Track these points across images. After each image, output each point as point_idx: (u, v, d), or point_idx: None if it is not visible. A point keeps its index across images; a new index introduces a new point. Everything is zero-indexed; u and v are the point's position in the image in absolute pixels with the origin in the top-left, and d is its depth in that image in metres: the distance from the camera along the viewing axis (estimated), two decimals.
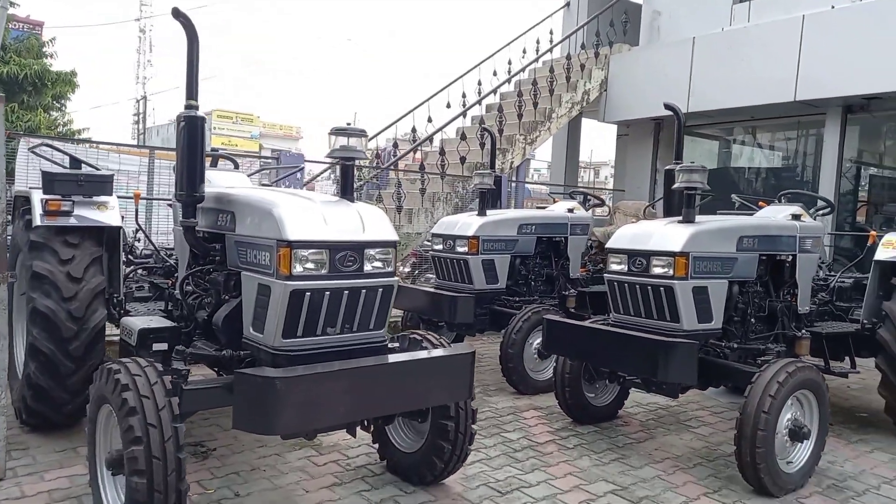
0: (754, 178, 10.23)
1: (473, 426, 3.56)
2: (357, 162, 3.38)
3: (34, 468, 3.73)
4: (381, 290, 3.09)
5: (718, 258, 4.25)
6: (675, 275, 4.06)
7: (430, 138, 8.84)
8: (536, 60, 9.66)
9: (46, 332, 3.88)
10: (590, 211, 7.35)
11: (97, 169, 4.42)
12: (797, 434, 3.87)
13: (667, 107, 5.05)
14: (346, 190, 3.30)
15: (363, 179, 8.82)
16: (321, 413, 2.70)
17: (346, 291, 2.98)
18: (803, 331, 4.82)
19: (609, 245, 4.51)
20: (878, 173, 9.31)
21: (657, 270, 4.14)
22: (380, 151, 10.83)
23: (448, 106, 10.51)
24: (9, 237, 3.53)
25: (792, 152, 9.68)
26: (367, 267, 3.03)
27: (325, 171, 6.45)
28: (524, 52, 11.32)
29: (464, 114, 9.11)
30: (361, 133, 3.25)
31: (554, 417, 5.10)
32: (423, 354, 3.08)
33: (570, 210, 6.97)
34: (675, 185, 4.35)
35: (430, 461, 3.56)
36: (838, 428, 5.27)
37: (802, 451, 3.97)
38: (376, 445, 3.92)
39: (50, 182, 4.05)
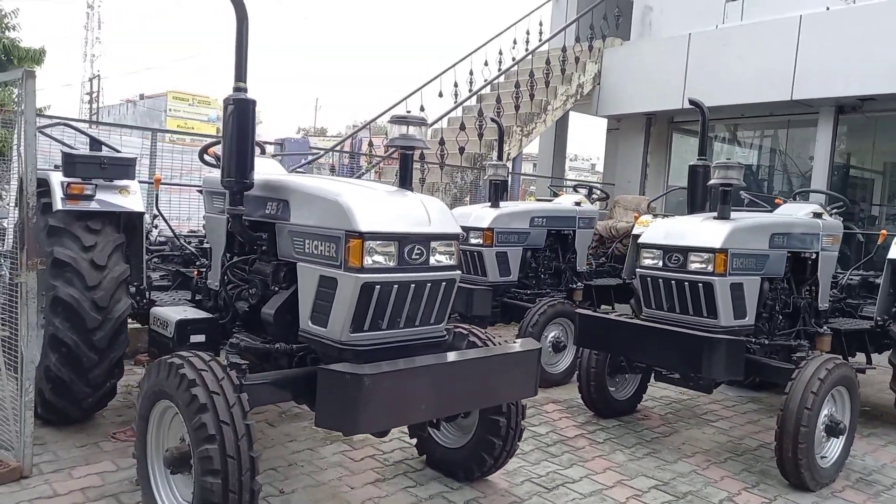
0: (745, 176, 10.42)
1: (523, 422, 3.51)
2: (416, 151, 3.27)
3: (58, 465, 3.54)
4: (444, 283, 3.00)
5: (753, 255, 4.28)
6: (714, 271, 4.07)
7: (429, 127, 8.72)
8: (531, 53, 9.61)
9: (69, 321, 3.68)
10: (595, 205, 7.36)
11: (117, 151, 4.20)
12: (833, 430, 3.93)
13: (692, 102, 5.06)
14: (406, 180, 3.20)
15: (365, 168, 8.66)
16: (405, 410, 2.61)
17: (413, 285, 2.88)
18: (824, 327, 4.91)
19: (643, 240, 4.50)
20: (858, 175, 9.58)
21: (695, 266, 4.14)
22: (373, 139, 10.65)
23: (440, 95, 10.41)
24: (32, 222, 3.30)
25: (782, 150, 9.88)
26: (433, 260, 2.93)
27: (322, 155, 6.27)
28: (514, 42, 11.29)
29: (461, 104, 9.02)
30: (422, 122, 3.15)
31: (574, 411, 5.09)
32: (498, 350, 3.00)
33: (578, 203, 6.96)
34: (712, 182, 4.35)
35: (479, 457, 3.49)
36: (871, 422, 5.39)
37: (836, 447, 4.03)
38: (413, 441, 3.84)
39: (72, 164, 3.83)
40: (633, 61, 9.81)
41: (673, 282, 4.26)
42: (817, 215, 5.04)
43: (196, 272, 4.16)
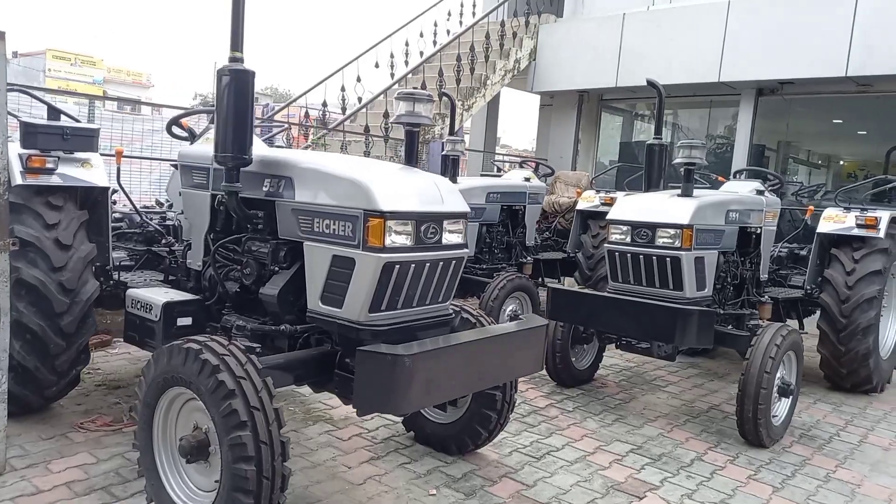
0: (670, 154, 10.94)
1: (515, 395, 3.61)
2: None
3: (30, 459, 3.31)
4: (454, 262, 3.03)
5: (713, 230, 4.56)
6: (682, 246, 4.31)
7: (369, 102, 8.55)
8: (472, 27, 9.60)
9: (35, 306, 3.43)
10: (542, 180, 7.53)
11: (77, 121, 3.89)
12: (785, 391, 4.30)
13: (648, 82, 5.26)
14: (412, 158, 3.17)
15: (312, 142, 8.39)
16: (440, 388, 2.63)
17: (428, 264, 2.89)
18: (766, 296, 5.31)
19: (610, 217, 4.67)
20: (773, 153, 10.29)
21: (663, 241, 4.37)
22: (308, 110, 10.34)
23: (377, 66, 10.24)
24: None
25: (705, 130, 10.44)
26: (445, 239, 2.95)
27: (285, 129, 6.01)
28: (449, 14, 11.23)
29: (405, 77, 8.91)
30: (429, 98, 3.12)
31: (538, 381, 5.26)
32: (513, 327, 3.06)
33: (527, 179, 7.11)
34: (676, 161, 4.57)
35: (473, 430, 3.57)
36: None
37: (785, 406, 4.41)
38: (397, 419, 3.87)
39: (32, 134, 3.53)
40: (568, 38, 10.01)
41: (641, 256, 4.47)
42: (759, 192, 5.41)
43: (168, 251, 3.96)
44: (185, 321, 3.36)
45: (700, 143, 4.50)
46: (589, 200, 7.17)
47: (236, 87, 2.94)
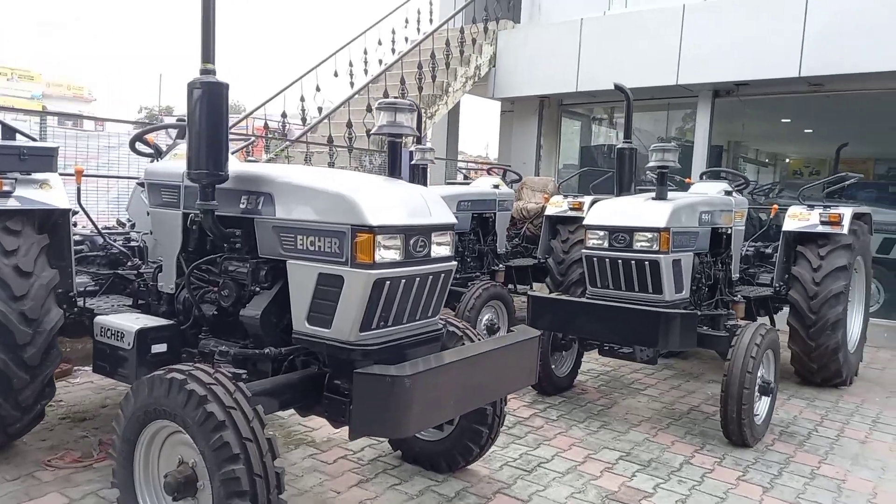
0: (643, 157, 11.07)
1: (505, 408, 3.54)
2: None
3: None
4: (443, 275, 2.95)
5: (688, 232, 4.58)
6: (660, 249, 4.32)
7: (331, 112, 8.40)
8: (432, 34, 9.55)
9: None
10: (510, 187, 7.51)
11: (33, 139, 3.68)
12: (765, 389, 4.34)
13: (617, 87, 5.31)
14: (396, 169, 3.08)
15: (276, 154, 8.18)
16: (439, 409, 2.54)
17: (418, 278, 2.80)
18: (738, 295, 5.38)
19: (587, 222, 4.66)
20: (729, 153, 10.52)
21: (641, 245, 4.37)
22: (268, 122, 10.12)
23: (336, 75, 10.11)
24: None
25: (664, 132, 10.59)
26: (434, 252, 2.87)
27: (252, 142, 5.78)
28: (406, 21, 11.17)
29: (367, 86, 8.79)
30: (411, 108, 3.04)
31: (518, 391, 5.21)
32: (509, 340, 2.99)
33: (496, 186, 7.07)
34: (650, 164, 4.59)
35: (464, 447, 3.48)
36: None
37: (765, 405, 4.45)
38: (381, 439, 3.76)
39: None
40: (527, 44, 10.04)
41: (619, 261, 4.46)
42: (728, 193, 5.49)
43: (136, 274, 3.77)
44: (159, 348, 3.19)
45: (673, 147, 4.53)
46: (557, 206, 7.17)
47: (209, 100, 2.81)
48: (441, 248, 2.90)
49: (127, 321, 3.24)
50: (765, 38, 7.83)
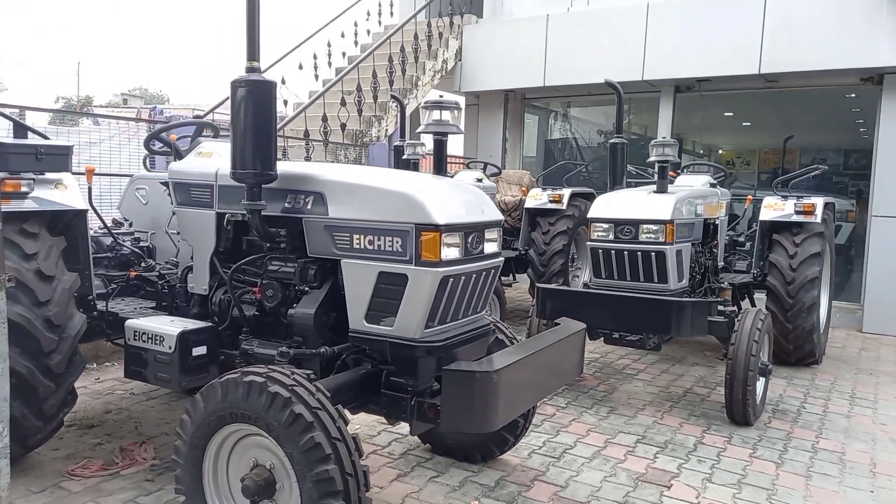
0: (596, 150, 11.36)
1: None
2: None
3: None
4: (493, 270, 3.01)
5: (687, 224, 4.79)
6: (665, 240, 4.50)
7: (309, 104, 8.25)
8: (401, 28, 9.49)
9: (20, 346, 3.07)
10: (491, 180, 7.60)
11: (46, 137, 3.51)
12: (763, 371, 4.58)
13: (608, 84, 5.46)
14: (442, 167, 3.11)
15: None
16: (518, 401, 2.59)
17: (475, 274, 2.85)
18: (725, 282, 5.65)
19: (592, 215, 4.79)
20: (690, 147, 10.94)
21: (647, 237, 4.54)
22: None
23: (300, 67, 9.96)
24: None
25: (628, 126, 10.91)
26: (486, 248, 2.92)
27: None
28: (368, 14, 11.10)
29: (341, 79, 8.68)
30: (456, 106, 3.07)
31: None
32: (565, 333, 3.06)
33: (479, 180, 7.15)
34: (651, 159, 4.76)
35: (500, 437, 3.56)
36: None
37: (761, 386, 4.70)
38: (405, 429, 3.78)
39: (2, 155, 3.14)
40: (492, 39, 10.13)
41: (626, 252, 4.62)
42: (713, 185, 5.74)
43: (158, 275, 3.66)
44: (199, 350, 3.12)
45: (672, 142, 4.71)
46: (537, 198, 7.32)
47: (257, 98, 2.77)
48: (491, 244, 2.95)
49: (164, 324, 3.15)
50: (726, 35, 8.18)
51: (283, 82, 9.59)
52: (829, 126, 10.02)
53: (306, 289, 2.98)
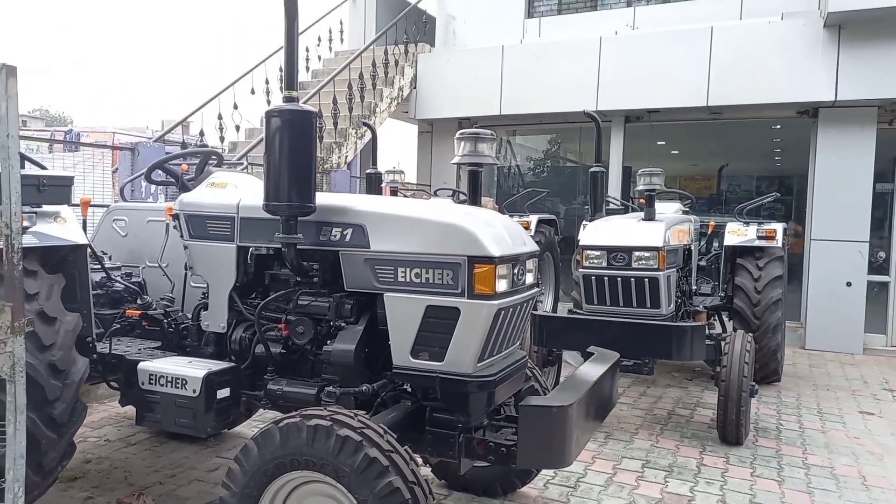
0: (549, 177, 11.63)
1: None
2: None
3: None
4: (532, 300, 3.00)
5: (674, 250, 4.95)
6: (658, 266, 4.63)
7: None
8: (360, 54, 9.43)
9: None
10: None
11: (43, 167, 3.26)
12: (751, 392, 4.75)
13: (587, 115, 5.61)
14: (477, 197, 3.10)
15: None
16: (585, 433, 2.56)
17: (520, 305, 2.84)
18: (700, 305, 5.86)
19: (584, 242, 4.88)
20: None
21: (640, 263, 4.65)
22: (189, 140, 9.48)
23: (252, 92, 9.76)
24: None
25: (579, 155, 11.23)
26: (528, 279, 2.92)
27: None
28: (319, 40, 11.01)
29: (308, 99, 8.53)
30: (491, 137, 3.07)
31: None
32: (607, 362, 3.06)
33: None
34: (639, 188, 4.91)
35: (523, 469, 3.52)
36: (700, 381, 6.50)
37: (749, 406, 4.87)
38: (427, 467, 3.70)
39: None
40: (448, 68, 10.24)
41: (619, 279, 4.72)
42: (685, 212, 5.97)
43: (164, 313, 3.44)
44: (224, 393, 2.94)
45: (659, 171, 4.88)
46: None
47: (295, 129, 2.69)
48: (530, 274, 2.95)
49: (184, 366, 2.96)
50: (677, 69, 8.60)
51: (236, 107, 9.38)
52: (763, 155, 10.65)
53: (342, 324, 2.88)
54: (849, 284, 8.28)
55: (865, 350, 8.32)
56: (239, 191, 3.19)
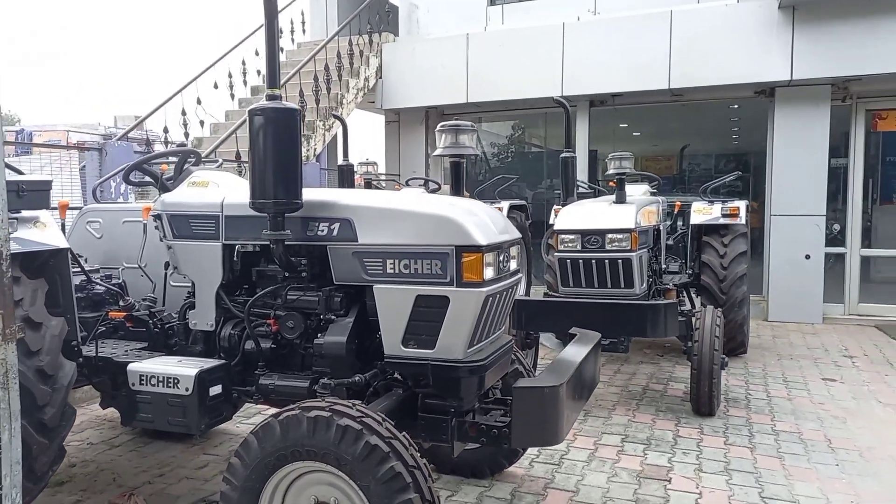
0: (514, 163, 11.73)
1: None
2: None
3: None
4: (516, 286, 3.09)
5: (645, 231, 5.10)
6: (631, 248, 4.77)
7: (240, 125, 7.97)
8: (324, 46, 9.37)
9: None
10: None
11: (20, 172, 3.22)
12: (721, 364, 4.95)
13: (556, 101, 5.71)
14: (459, 188, 3.16)
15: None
16: (575, 412, 2.67)
17: (506, 291, 2.93)
18: (669, 283, 6.04)
19: (558, 227, 4.99)
20: (602, 157, 11.54)
21: (614, 245, 4.79)
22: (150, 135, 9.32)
23: (216, 87, 9.65)
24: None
25: (544, 139, 11.36)
26: (511, 265, 3.00)
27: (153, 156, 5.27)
28: (281, 31, 10.87)
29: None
30: (472, 129, 3.14)
31: None
32: (590, 343, 3.17)
33: None
34: (609, 172, 5.04)
35: (511, 450, 3.64)
36: (671, 356, 6.72)
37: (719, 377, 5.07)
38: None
39: None
40: (413, 57, 10.23)
41: (593, 261, 4.85)
42: (653, 193, 6.14)
43: (149, 313, 3.44)
44: (216, 390, 2.98)
45: (629, 155, 5.01)
46: None
47: (280, 126, 2.71)
48: (514, 261, 3.04)
49: (174, 365, 2.98)
50: (639, 53, 8.76)
51: (199, 102, 9.26)
52: (723, 134, 10.93)
53: (332, 317, 2.93)
54: (807, 257, 8.59)
55: (825, 319, 8.67)
56: (221, 189, 3.21)
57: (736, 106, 9.96)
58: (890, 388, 5.60)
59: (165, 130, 8.80)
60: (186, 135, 9.06)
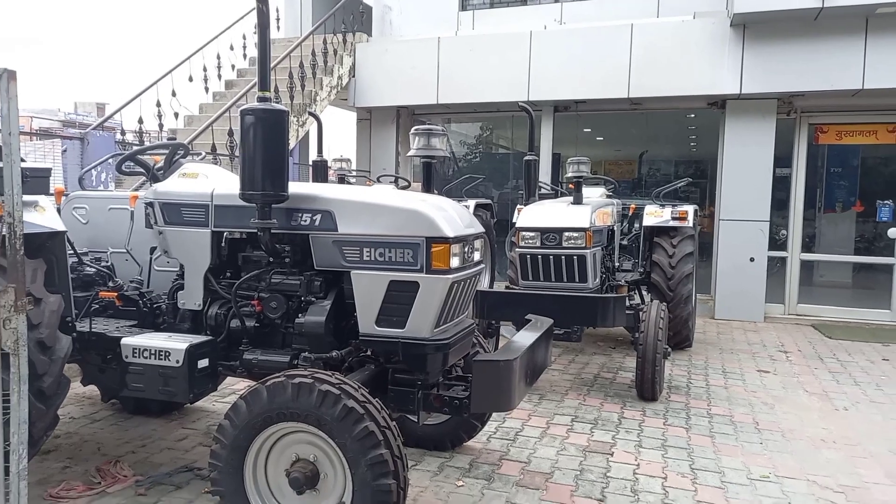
0: (481, 163, 12.11)
1: None
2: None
3: None
4: (478, 275, 3.45)
5: (599, 230, 5.52)
6: (586, 245, 5.18)
7: (216, 118, 8.16)
8: (300, 44, 9.62)
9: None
10: None
11: (23, 160, 3.44)
12: (664, 354, 5.40)
13: (521, 107, 6.10)
14: (430, 186, 3.50)
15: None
16: (526, 384, 3.03)
17: (470, 279, 3.29)
18: (622, 280, 6.49)
19: (520, 224, 5.38)
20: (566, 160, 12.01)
21: (570, 243, 5.20)
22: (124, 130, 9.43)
23: (191, 80, 9.83)
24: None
25: (511, 141, 11.77)
26: (475, 256, 3.36)
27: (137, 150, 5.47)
28: (255, 28, 11.05)
29: (245, 94, 8.65)
30: (443, 133, 3.49)
31: None
32: (543, 327, 3.54)
33: None
34: (568, 175, 5.45)
35: (469, 424, 4.01)
36: (622, 349, 7.18)
37: (664, 367, 5.53)
38: None
39: None
40: (385, 58, 10.53)
41: (551, 257, 5.26)
42: (609, 196, 6.58)
43: (139, 293, 3.71)
44: (203, 363, 3.28)
45: (586, 159, 5.43)
46: None
47: (269, 126, 3.02)
48: (477, 252, 3.40)
49: (165, 340, 3.27)
50: (600, 63, 9.22)
51: (174, 95, 9.42)
52: (679, 142, 11.49)
53: (312, 299, 3.25)
54: (752, 260, 9.17)
55: (766, 318, 9.27)
56: (210, 181, 3.50)
57: (692, 115, 10.51)
58: (817, 379, 6.13)
59: (140, 121, 8.97)
60: (161, 126, 9.23)
